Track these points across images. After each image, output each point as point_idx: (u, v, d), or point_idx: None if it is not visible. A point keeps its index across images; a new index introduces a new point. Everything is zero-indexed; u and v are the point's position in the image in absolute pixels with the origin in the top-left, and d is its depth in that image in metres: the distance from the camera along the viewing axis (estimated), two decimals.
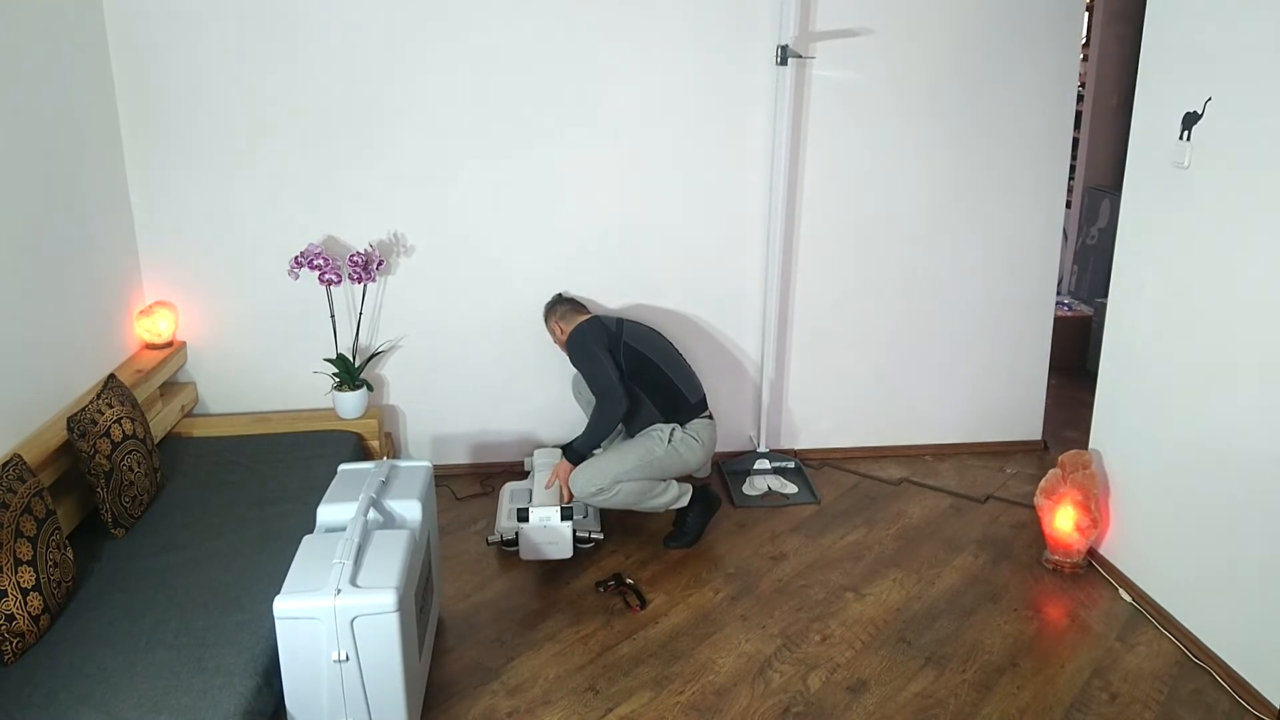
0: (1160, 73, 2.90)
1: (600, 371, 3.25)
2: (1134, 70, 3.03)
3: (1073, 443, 3.82)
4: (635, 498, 3.22)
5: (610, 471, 3.16)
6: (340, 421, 3.58)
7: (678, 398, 3.33)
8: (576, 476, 3.19)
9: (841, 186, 3.77)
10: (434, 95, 3.51)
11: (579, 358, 3.34)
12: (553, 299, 3.63)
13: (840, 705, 2.62)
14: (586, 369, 3.32)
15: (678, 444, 3.27)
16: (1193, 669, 2.75)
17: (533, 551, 3.14)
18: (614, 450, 3.26)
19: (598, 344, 3.29)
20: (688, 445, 3.28)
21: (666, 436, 3.27)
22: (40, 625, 2.29)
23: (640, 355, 3.33)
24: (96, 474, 2.70)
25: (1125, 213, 3.10)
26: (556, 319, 3.53)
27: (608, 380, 3.23)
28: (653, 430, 3.30)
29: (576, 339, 3.34)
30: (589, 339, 3.31)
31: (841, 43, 3.60)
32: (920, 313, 3.96)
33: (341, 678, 2.23)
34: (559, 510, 3.11)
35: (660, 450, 3.24)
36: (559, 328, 3.50)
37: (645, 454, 3.23)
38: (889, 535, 3.48)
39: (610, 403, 3.22)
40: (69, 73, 3.10)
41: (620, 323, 3.43)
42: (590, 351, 3.28)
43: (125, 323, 3.44)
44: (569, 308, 3.54)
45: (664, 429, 3.29)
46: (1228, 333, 2.66)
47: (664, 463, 3.25)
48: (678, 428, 3.30)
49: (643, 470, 3.21)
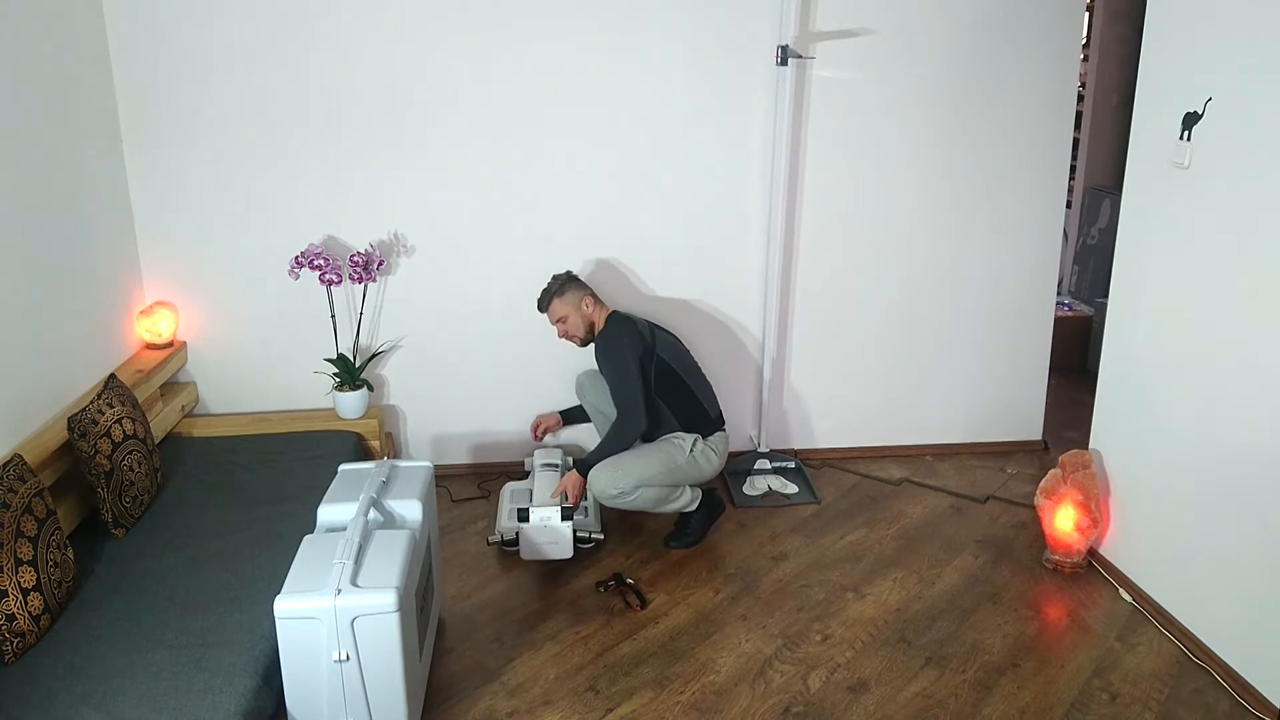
0: (1160, 73, 2.90)
1: (629, 385, 3.16)
2: (1134, 70, 3.03)
3: (1073, 443, 3.81)
4: (652, 504, 3.22)
5: (633, 476, 3.14)
6: (340, 421, 3.58)
7: (700, 412, 3.32)
8: (598, 477, 3.15)
9: (841, 186, 3.77)
10: (434, 96, 3.51)
11: (609, 363, 3.21)
12: (560, 277, 3.38)
13: (840, 705, 2.62)
14: (614, 377, 3.20)
15: (698, 455, 3.27)
16: (1193, 669, 2.75)
17: (533, 551, 3.14)
18: (637, 454, 3.22)
19: (633, 354, 3.17)
20: (706, 457, 3.29)
21: (689, 447, 3.25)
22: (40, 625, 2.29)
23: (670, 370, 3.26)
24: (97, 474, 2.70)
25: (1125, 213, 3.10)
26: (568, 303, 3.30)
27: (634, 398, 3.16)
28: (674, 438, 3.27)
29: (611, 343, 3.21)
30: (625, 347, 3.18)
31: (841, 43, 3.60)
32: (920, 313, 3.96)
33: (342, 678, 2.23)
34: (559, 510, 3.11)
35: (682, 459, 3.24)
36: (572, 314, 3.30)
37: (668, 461, 3.21)
38: (889, 535, 3.48)
39: (630, 422, 3.17)
40: (69, 73, 3.10)
41: (654, 331, 3.30)
42: (624, 361, 3.17)
43: (125, 323, 3.44)
44: (584, 293, 3.33)
45: (686, 439, 3.27)
46: (1228, 333, 2.65)
47: (685, 472, 3.25)
48: (699, 439, 3.28)
49: (664, 478, 3.20)
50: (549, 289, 3.36)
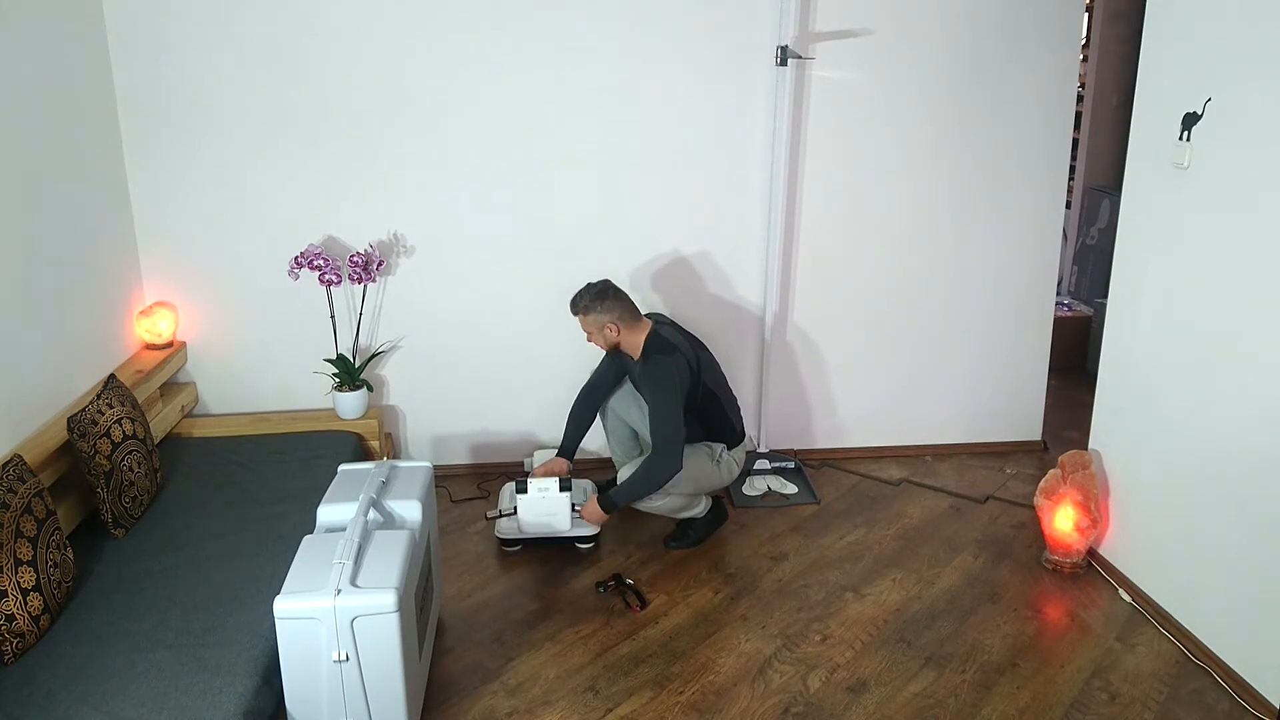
0: (1160, 73, 2.90)
1: (672, 420, 3.03)
2: (1134, 70, 3.03)
3: (1073, 443, 3.82)
4: (672, 510, 3.25)
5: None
6: (340, 422, 3.58)
7: (727, 429, 3.31)
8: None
9: (841, 187, 3.77)
10: (434, 95, 3.51)
11: (655, 395, 3.07)
12: (592, 291, 3.17)
13: (840, 705, 2.62)
14: (658, 409, 3.05)
15: (723, 463, 3.28)
16: (1193, 669, 2.75)
17: (533, 526, 3.15)
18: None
19: (681, 391, 3.06)
20: (729, 466, 3.31)
21: (716, 455, 3.26)
22: (40, 625, 2.29)
23: (711, 394, 3.21)
24: (97, 474, 2.70)
25: (1125, 213, 3.10)
26: (591, 323, 3.16)
27: (676, 434, 3.04)
28: (702, 445, 3.27)
29: (660, 373, 3.05)
30: (674, 380, 3.04)
31: (841, 43, 3.60)
32: (920, 313, 3.96)
33: (341, 678, 2.23)
34: (558, 481, 3.12)
35: (710, 466, 3.25)
36: (595, 333, 3.17)
37: (697, 468, 3.19)
38: (889, 535, 3.48)
39: (667, 459, 3.05)
40: (69, 73, 3.10)
41: (699, 358, 3.17)
42: (671, 402, 3.03)
43: (125, 323, 3.44)
44: (609, 317, 3.13)
45: (714, 446, 3.28)
46: (1228, 333, 2.65)
47: (710, 479, 3.26)
48: (725, 448, 3.30)
49: (690, 485, 3.20)
50: (577, 300, 3.20)
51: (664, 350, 3.11)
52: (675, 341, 3.17)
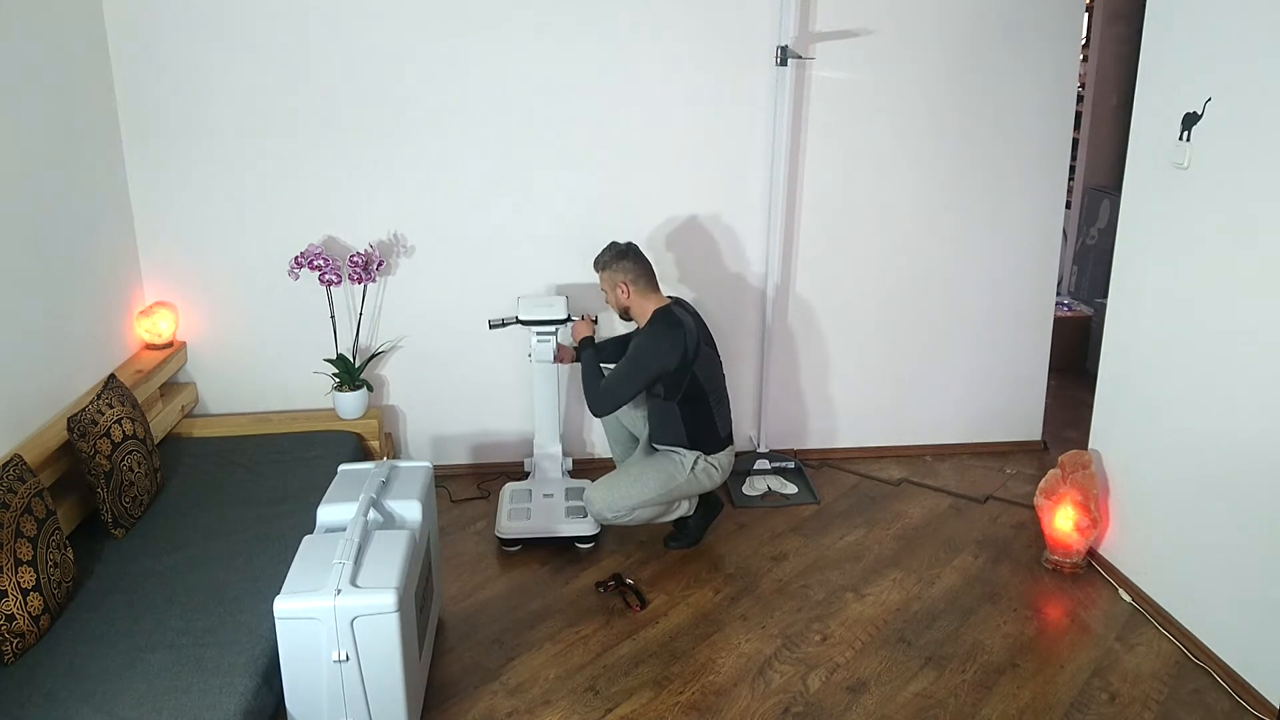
0: (1160, 73, 2.90)
1: (626, 384, 3.11)
2: (1134, 70, 3.03)
3: (1073, 443, 3.82)
4: (648, 520, 3.25)
5: (630, 500, 3.15)
6: (340, 422, 3.58)
7: (710, 430, 3.25)
8: (594, 498, 3.18)
9: (841, 187, 3.77)
10: (434, 96, 3.51)
11: (633, 354, 3.13)
12: (612, 251, 3.24)
13: (840, 705, 2.62)
14: (625, 369, 3.13)
15: (699, 473, 3.23)
16: (1193, 669, 2.75)
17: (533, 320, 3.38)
18: (633, 474, 3.20)
19: (657, 367, 3.10)
20: (708, 474, 3.25)
21: (689, 465, 3.22)
22: (40, 625, 2.29)
23: (699, 389, 3.20)
24: (97, 474, 2.70)
25: (1125, 213, 3.10)
26: (606, 280, 3.23)
27: (620, 396, 3.13)
28: (674, 454, 3.24)
29: (650, 343, 3.12)
30: (658, 357, 3.09)
31: (841, 43, 3.61)
32: (920, 313, 3.96)
33: (341, 678, 2.23)
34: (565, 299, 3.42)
35: (681, 478, 3.21)
36: (609, 291, 3.23)
37: (666, 481, 3.19)
38: (889, 535, 3.48)
39: (602, 403, 3.16)
40: (69, 73, 3.10)
41: (699, 347, 3.18)
42: (645, 366, 3.10)
43: (125, 323, 3.44)
44: (623, 278, 3.19)
45: (688, 456, 3.22)
46: (1227, 333, 2.66)
47: (683, 489, 3.24)
48: (701, 456, 3.23)
49: (662, 497, 3.20)
50: (600, 256, 3.26)
51: (669, 324, 3.14)
52: (684, 321, 3.18)
